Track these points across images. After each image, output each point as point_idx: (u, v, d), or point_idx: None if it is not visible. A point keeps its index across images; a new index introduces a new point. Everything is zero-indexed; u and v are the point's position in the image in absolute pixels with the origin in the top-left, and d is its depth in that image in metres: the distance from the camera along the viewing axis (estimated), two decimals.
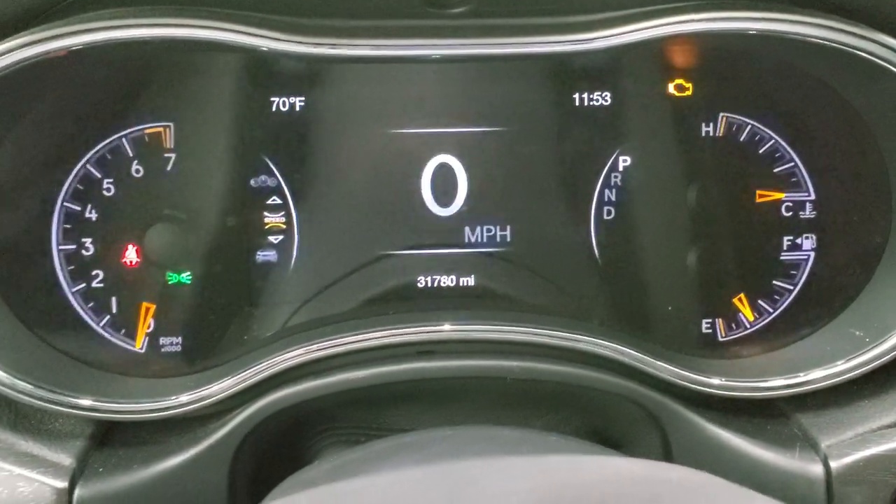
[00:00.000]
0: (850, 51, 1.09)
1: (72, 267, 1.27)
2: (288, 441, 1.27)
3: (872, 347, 1.16)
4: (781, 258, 1.33)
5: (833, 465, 1.12)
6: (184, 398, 1.16)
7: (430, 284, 1.31)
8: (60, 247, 1.27)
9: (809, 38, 1.10)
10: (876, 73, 1.10)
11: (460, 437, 0.95)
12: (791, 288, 1.33)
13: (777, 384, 1.18)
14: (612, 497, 0.63)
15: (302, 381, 1.18)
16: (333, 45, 1.13)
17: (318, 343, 1.18)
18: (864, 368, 1.16)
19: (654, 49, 1.27)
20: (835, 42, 1.09)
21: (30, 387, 1.12)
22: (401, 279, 1.31)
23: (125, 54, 1.19)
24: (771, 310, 1.33)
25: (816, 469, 1.13)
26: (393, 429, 1.29)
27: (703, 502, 0.61)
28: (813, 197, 1.32)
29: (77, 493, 1.09)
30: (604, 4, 1.16)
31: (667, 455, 1.21)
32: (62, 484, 1.08)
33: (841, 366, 1.17)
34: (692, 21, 1.10)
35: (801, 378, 1.18)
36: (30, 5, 1.11)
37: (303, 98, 1.27)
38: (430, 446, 0.90)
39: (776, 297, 1.33)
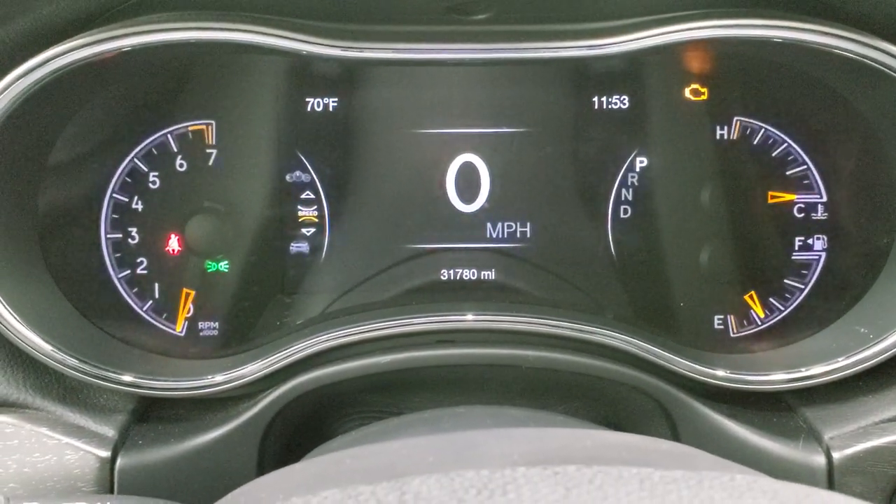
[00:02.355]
0: (855, 57, 1.14)
1: (118, 254, 1.36)
2: (316, 422, 1.34)
3: (874, 344, 1.20)
4: (793, 258, 1.37)
5: (835, 455, 1.16)
6: (218, 378, 1.23)
7: (452, 277, 1.37)
8: (108, 235, 1.36)
9: (816, 46, 1.15)
10: (879, 80, 1.15)
11: (471, 413, 1.01)
12: (802, 287, 1.37)
13: (779, 378, 1.23)
14: (599, 459, 0.69)
15: (328, 365, 1.25)
16: (364, 49, 1.21)
17: (344, 330, 1.25)
18: (864, 365, 1.20)
19: (670, 55, 1.32)
20: (840, 49, 1.14)
21: (77, 363, 1.20)
22: (425, 272, 1.38)
23: (173, 56, 1.28)
24: (782, 307, 1.38)
25: (819, 459, 1.17)
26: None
27: (685, 466, 0.67)
28: (825, 199, 1.36)
29: (119, 462, 1.18)
30: (621, 11, 1.22)
31: None
32: (105, 454, 1.17)
33: (841, 362, 1.21)
34: (701, 28, 1.16)
35: (803, 373, 1.22)
36: (86, 9, 1.20)
37: (336, 99, 1.35)
38: (444, 420, 0.97)
39: (787, 295, 1.38)
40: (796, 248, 1.37)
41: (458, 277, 1.38)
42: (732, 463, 0.79)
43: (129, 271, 1.36)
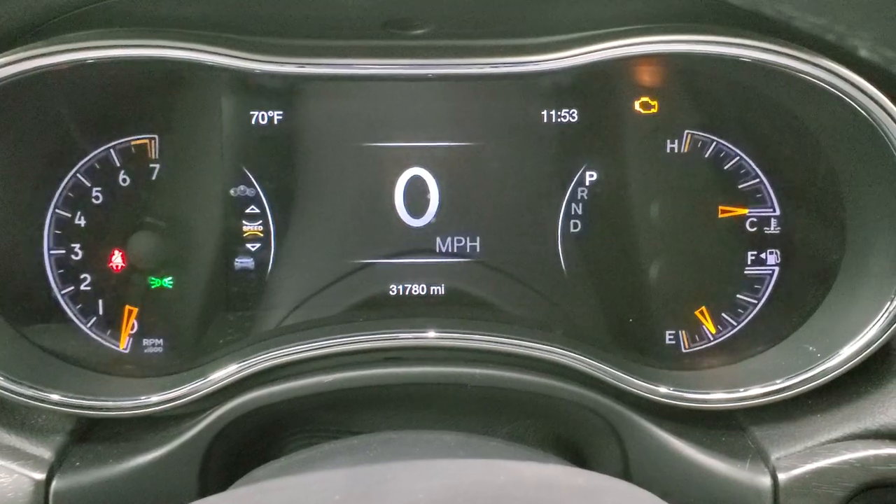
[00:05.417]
0: (798, 74, 1.12)
1: (61, 270, 1.34)
2: (262, 442, 1.32)
3: (819, 364, 1.19)
4: (746, 273, 1.35)
5: (781, 477, 1.14)
6: (154, 398, 1.21)
7: (401, 292, 1.36)
8: (51, 251, 1.33)
9: (760, 63, 1.13)
10: (824, 98, 1.13)
11: (403, 440, 0.99)
12: (755, 302, 1.36)
13: (718, 397, 1.22)
14: (505, 498, 0.67)
15: (271, 384, 1.23)
16: (303, 65, 1.19)
17: (287, 348, 1.23)
18: (806, 386, 1.19)
19: (619, 68, 1.30)
20: (783, 67, 1.12)
21: (2, 380, 1.18)
22: (373, 287, 1.36)
23: (114, 71, 1.25)
24: (734, 323, 1.36)
25: (765, 481, 1.15)
26: (364, 432, 1.33)
27: None
28: (777, 213, 1.35)
29: (54, 485, 1.15)
30: (565, 26, 1.20)
31: (624, 463, 1.24)
32: (40, 476, 1.15)
33: (780, 384, 1.20)
34: (643, 44, 1.14)
35: (741, 393, 1.21)
36: (24, 20, 1.18)
37: (281, 112, 1.32)
38: (370, 449, 0.95)
39: (740, 310, 1.36)
40: (749, 262, 1.35)
41: (407, 293, 1.36)
42: (648, 496, 0.77)
43: (72, 287, 1.34)
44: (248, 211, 1.34)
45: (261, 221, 1.34)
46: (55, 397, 1.20)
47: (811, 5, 0.86)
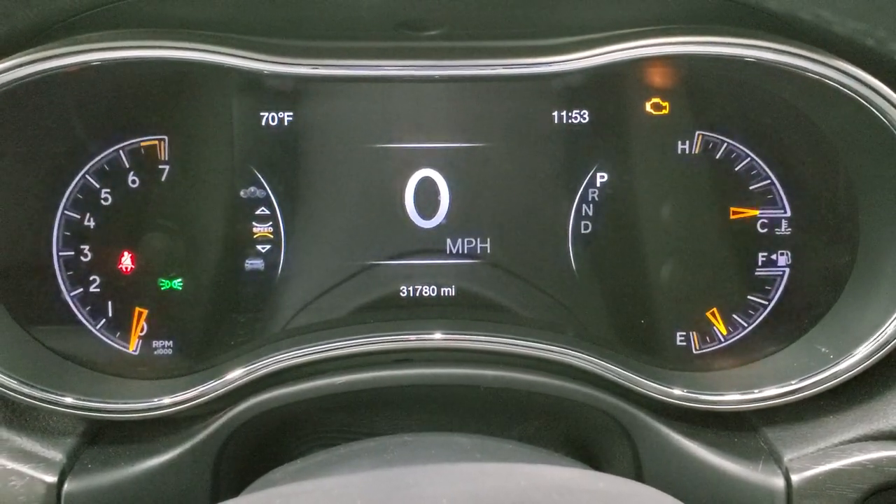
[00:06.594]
0: (812, 76, 1.12)
1: (71, 272, 1.33)
2: (274, 443, 1.32)
3: (833, 365, 1.18)
4: (756, 274, 1.35)
5: (794, 478, 1.14)
6: (166, 400, 1.21)
7: (411, 294, 1.35)
8: (60, 253, 1.33)
9: (773, 64, 1.13)
10: (837, 98, 1.13)
11: (419, 443, 0.99)
12: (766, 303, 1.35)
13: (733, 399, 1.21)
14: (528, 503, 0.67)
15: (283, 386, 1.22)
16: (316, 66, 1.18)
17: (298, 350, 1.23)
18: (821, 387, 1.19)
19: (630, 70, 1.30)
20: (798, 68, 1.12)
21: (17, 384, 1.18)
22: (384, 289, 1.35)
23: (123, 72, 1.25)
24: (745, 324, 1.36)
25: (778, 482, 1.15)
26: (375, 433, 1.33)
27: None
28: (789, 214, 1.34)
29: (66, 487, 1.15)
30: (578, 27, 1.19)
31: (636, 465, 1.24)
32: (52, 479, 1.15)
33: (795, 384, 1.20)
34: (657, 45, 1.14)
35: (756, 394, 1.21)
36: (34, 23, 1.17)
37: (291, 113, 1.32)
38: (387, 452, 0.95)
39: (751, 311, 1.36)
40: (759, 263, 1.35)
41: (417, 294, 1.36)
42: (672, 501, 0.77)
43: (81, 289, 1.33)
44: (258, 212, 1.34)
45: (271, 223, 1.34)
46: (69, 400, 1.19)
47: (852, 9, 0.84)
